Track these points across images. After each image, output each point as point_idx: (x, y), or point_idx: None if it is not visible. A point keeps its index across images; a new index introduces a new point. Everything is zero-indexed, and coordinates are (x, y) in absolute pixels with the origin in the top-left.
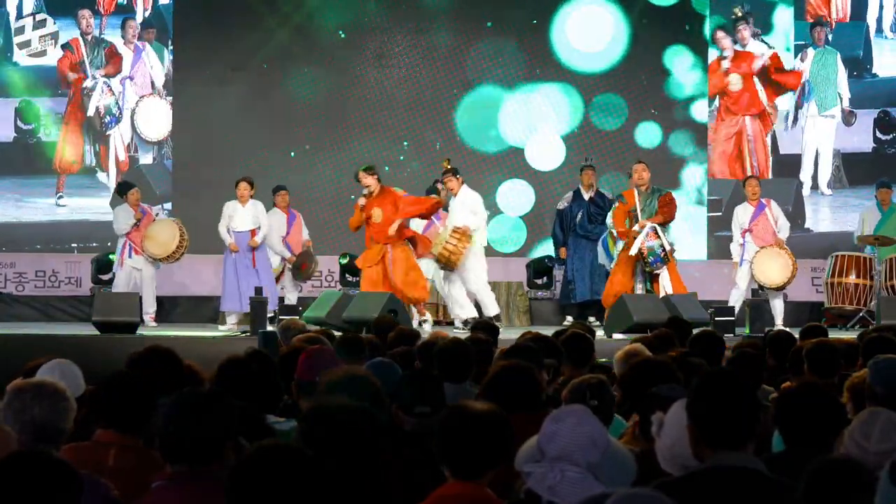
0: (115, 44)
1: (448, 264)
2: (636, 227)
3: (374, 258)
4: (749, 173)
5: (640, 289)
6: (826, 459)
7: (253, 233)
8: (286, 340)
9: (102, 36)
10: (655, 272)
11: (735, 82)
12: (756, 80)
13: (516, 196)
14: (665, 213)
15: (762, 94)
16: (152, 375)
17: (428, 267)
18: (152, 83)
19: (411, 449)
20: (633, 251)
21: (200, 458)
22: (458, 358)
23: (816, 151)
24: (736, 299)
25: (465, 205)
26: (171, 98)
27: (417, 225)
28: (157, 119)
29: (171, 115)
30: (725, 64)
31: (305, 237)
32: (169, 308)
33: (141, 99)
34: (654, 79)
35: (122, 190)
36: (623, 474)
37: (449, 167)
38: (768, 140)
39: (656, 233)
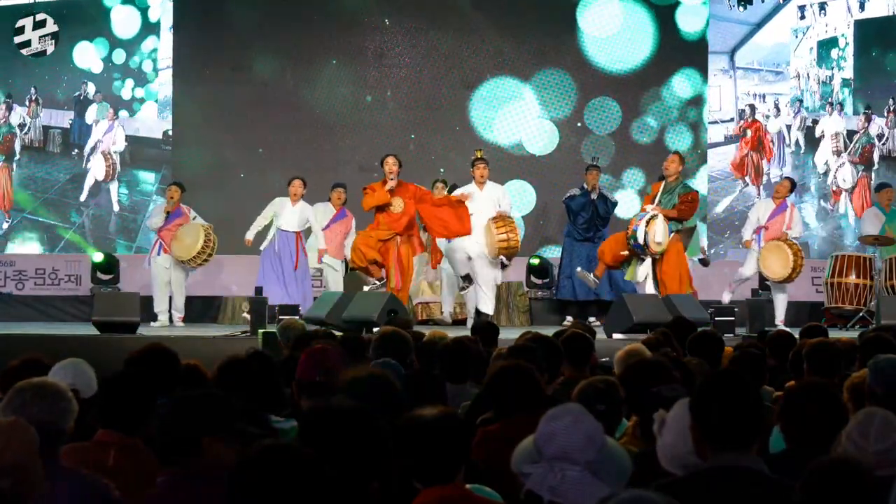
0: None
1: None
2: (647, 207)
3: (377, 241)
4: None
5: (641, 265)
6: (825, 459)
7: (298, 235)
8: (286, 340)
9: None
10: (640, 256)
11: None
12: None
13: (518, 196)
14: (681, 210)
15: None
16: (151, 375)
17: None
18: None
19: None
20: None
21: (180, 453)
22: (460, 358)
23: None
24: (738, 279)
25: (493, 196)
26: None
27: None
28: None
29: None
30: None
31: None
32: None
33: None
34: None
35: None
36: (619, 472)
37: (481, 156)
38: None
39: (653, 222)
